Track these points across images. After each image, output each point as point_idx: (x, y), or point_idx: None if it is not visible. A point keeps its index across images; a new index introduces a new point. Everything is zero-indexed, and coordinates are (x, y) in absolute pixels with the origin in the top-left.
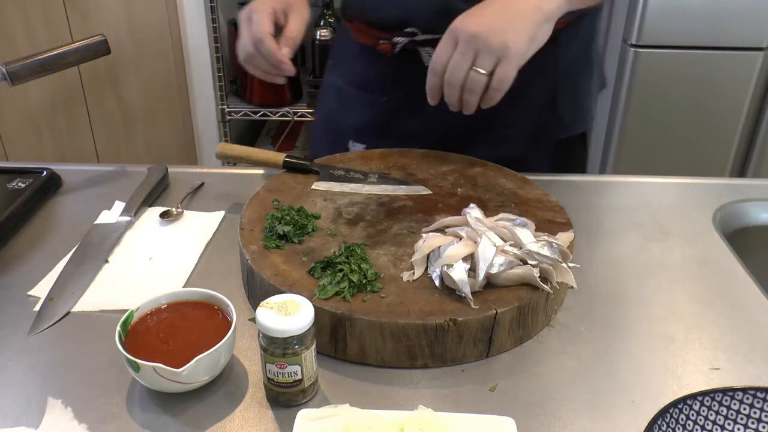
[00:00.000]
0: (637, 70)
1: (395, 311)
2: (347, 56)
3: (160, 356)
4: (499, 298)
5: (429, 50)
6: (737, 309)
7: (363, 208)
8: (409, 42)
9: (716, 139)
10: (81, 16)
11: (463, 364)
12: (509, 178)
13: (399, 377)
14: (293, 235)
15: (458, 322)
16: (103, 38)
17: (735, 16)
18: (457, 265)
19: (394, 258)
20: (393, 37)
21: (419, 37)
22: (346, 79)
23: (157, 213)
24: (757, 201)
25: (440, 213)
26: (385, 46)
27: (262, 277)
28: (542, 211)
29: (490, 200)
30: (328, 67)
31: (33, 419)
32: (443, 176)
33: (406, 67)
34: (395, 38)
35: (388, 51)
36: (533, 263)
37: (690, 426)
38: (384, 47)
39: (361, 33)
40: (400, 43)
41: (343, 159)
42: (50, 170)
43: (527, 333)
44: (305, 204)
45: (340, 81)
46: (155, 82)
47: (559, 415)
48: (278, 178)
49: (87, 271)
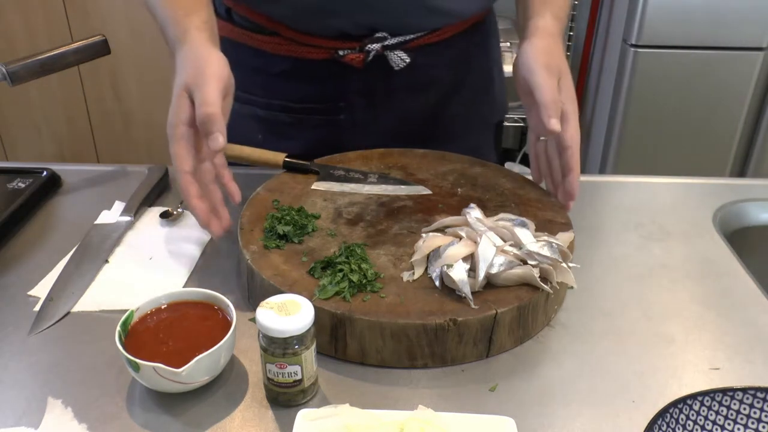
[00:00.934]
0: (637, 70)
1: (395, 311)
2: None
3: (160, 356)
4: (499, 298)
5: (398, 53)
6: (737, 309)
7: (363, 208)
8: (380, 48)
9: (716, 139)
10: (81, 16)
11: (464, 364)
12: (509, 178)
13: (399, 377)
14: (293, 235)
15: (458, 322)
16: (103, 38)
17: (735, 16)
18: (457, 265)
19: (394, 258)
20: (364, 45)
21: (390, 41)
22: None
23: (157, 213)
24: (757, 201)
25: (440, 213)
26: (355, 57)
27: (262, 277)
28: (542, 211)
29: (490, 200)
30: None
31: (33, 419)
32: (443, 176)
33: (373, 76)
34: (368, 45)
35: (360, 61)
36: (533, 263)
37: (690, 426)
38: (353, 58)
39: (298, 46)
40: (373, 51)
41: (343, 159)
42: (50, 170)
43: (527, 333)
44: (305, 204)
45: (259, 110)
46: (155, 82)
47: (559, 415)
48: (278, 178)
49: (87, 271)
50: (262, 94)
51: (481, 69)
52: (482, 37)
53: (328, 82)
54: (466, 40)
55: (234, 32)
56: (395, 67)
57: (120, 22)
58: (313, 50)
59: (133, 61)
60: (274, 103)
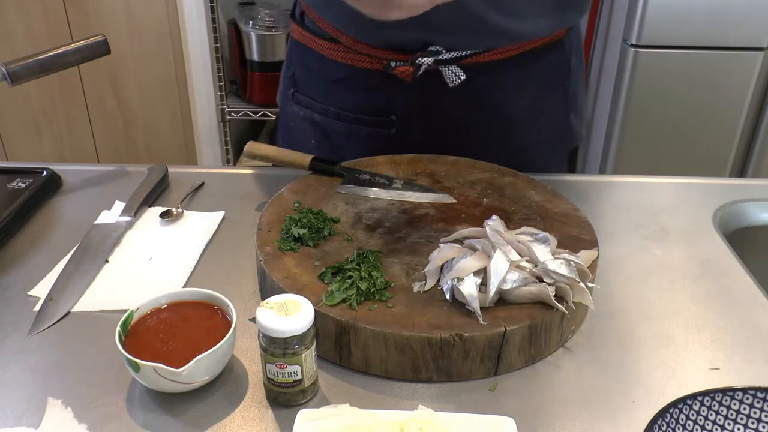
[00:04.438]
0: (637, 70)
1: (401, 322)
2: (323, 83)
3: (160, 356)
4: (510, 316)
5: (453, 69)
6: (737, 309)
7: (384, 214)
8: (433, 62)
9: (716, 139)
10: (81, 16)
11: (470, 381)
12: (538, 191)
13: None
14: (308, 238)
15: (464, 338)
16: (103, 38)
17: (735, 16)
18: (467, 279)
19: (407, 267)
20: (415, 58)
21: (444, 56)
22: (327, 111)
23: (157, 213)
24: (757, 201)
25: (462, 223)
26: (404, 69)
27: (273, 279)
28: (568, 226)
29: (516, 212)
30: (287, 96)
31: (33, 419)
32: (471, 185)
33: (426, 92)
34: (420, 59)
35: (409, 75)
36: (549, 281)
37: (690, 426)
38: (402, 71)
39: (355, 55)
40: (425, 65)
41: (370, 163)
42: (50, 170)
43: (539, 352)
44: (327, 207)
45: (317, 114)
46: (155, 82)
47: (559, 415)
48: (303, 179)
49: (87, 271)
50: (321, 99)
51: (557, 93)
52: (559, 57)
53: (381, 94)
54: (538, 59)
55: (304, 36)
56: (450, 83)
57: (120, 22)
58: (366, 60)
59: (133, 61)
60: (330, 109)
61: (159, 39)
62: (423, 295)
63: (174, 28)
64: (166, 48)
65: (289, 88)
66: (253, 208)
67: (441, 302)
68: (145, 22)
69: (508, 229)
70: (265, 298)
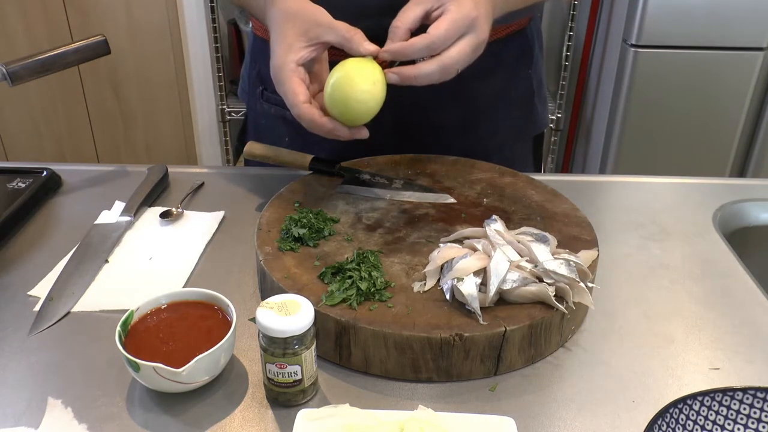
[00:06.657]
0: (637, 70)
1: (400, 322)
2: None
3: (160, 356)
4: (510, 315)
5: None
6: (737, 309)
7: (384, 214)
8: None
9: (716, 139)
10: (81, 16)
11: (470, 381)
12: (538, 191)
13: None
14: (308, 238)
15: (464, 338)
16: (103, 38)
17: (735, 16)
18: (467, 279)
19: (407, 267)
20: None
21: None
22: None
23: (157, 213)
24: (757, 201)
25: (462, 223)
26: None
27: (273, 279)
28: (568, 226)
29: (516, 212)
30: (255, 95)
31: (33, 419)
32: (471, 185)
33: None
34: None
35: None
36: (549, 281)
37: (690, 426)
38: None
39: None
40: None
41: (371, 163)
42: (50, 170)
43: (539, 353)
44: (326, 207)
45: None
46: (155, 82)
47: (559, 415)
48: (303, 179)
49: (87, 271)
50: None
51: (520, 80)
52: (523, 45)
53: None
54: (503, 48)
55: (267, 33)
56: None
57: (120, 22)
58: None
59: (133, 61)
60: None
61: (159, 39)
62: (423, 295)
63: (174, 28)
64: (166, 48)
65: (257, 87)
66: (253, 208)
67: (441, 302)
68: (145, 22)
69: (508, 229)
70: (265, 298)
